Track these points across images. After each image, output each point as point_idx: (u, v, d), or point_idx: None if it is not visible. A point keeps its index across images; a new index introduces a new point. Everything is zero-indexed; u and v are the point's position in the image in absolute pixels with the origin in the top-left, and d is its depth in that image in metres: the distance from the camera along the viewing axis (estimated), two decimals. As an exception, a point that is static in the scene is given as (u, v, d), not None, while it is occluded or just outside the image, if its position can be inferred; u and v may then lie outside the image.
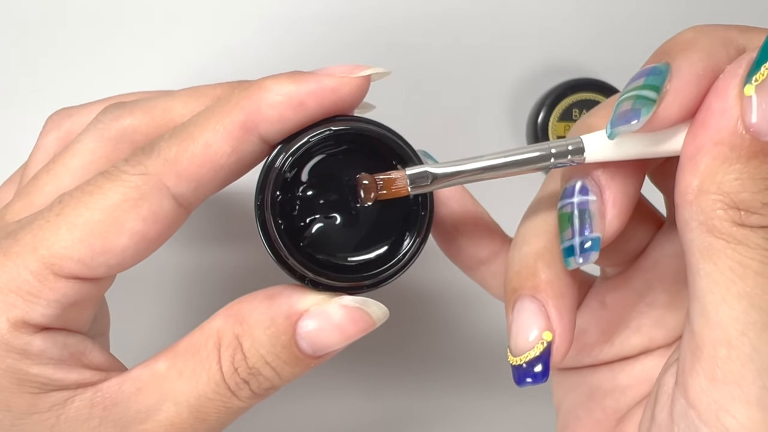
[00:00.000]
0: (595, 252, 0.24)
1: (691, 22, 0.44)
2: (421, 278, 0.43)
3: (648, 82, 0.23)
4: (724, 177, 0.22)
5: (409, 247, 0.26)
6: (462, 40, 0.43)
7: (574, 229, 0.24)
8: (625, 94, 0.23)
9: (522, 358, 0.24)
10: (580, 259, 0.24)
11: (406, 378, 0.43)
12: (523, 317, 0.25)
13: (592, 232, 0.24)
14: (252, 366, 0.25)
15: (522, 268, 0.25)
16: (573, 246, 0.24)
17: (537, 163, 0.24)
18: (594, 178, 0.24)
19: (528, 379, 0.24)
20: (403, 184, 0.24)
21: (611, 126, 0.23)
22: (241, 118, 0.24)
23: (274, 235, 0.24)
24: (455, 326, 0.43)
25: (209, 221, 0.41)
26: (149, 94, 0.29)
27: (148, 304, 0.41)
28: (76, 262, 0.24)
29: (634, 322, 0.28)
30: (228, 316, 0.25)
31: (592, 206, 0.24)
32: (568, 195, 0.25)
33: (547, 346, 0.24)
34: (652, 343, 0.28)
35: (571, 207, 0.24)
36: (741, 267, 0.21)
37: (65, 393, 0.25)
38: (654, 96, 0.22)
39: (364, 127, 0.25)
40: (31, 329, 0.24)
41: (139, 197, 0.24)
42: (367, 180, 0.24)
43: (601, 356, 0.29)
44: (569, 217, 0.24)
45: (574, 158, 0.24)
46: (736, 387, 0.21)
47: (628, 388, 0.29)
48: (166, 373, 0.25)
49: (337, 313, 0.25)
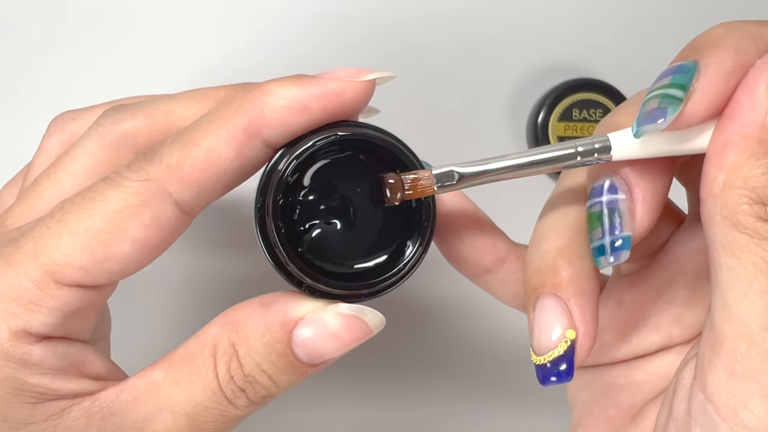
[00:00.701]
0: (626, 251, 0.24)
1: (691, 22, 0.44)
2: (421, 285, 0.43)
3: (675, 81, 0.22)
4: (751, 172, 0.21)
5: (410, 257, 0.25)
6: (462, 40, 0.43)
7: (604, 228, 0.24)
8: (651, 93, 0.23)
9: (546, 358, 0.24)
10: (611, 258, 0.24)
11: (407, 385, 0.43)
12: (545, 316, 0.24)
13: (622, 231, 0.24)
14: (248, 374, 0.25)
15: (542, 266, 0.25)
16: (603, 245, 0.24)
17: (563, 162, 0.24)
18: (622, 176, 0.24)
19: (552, 378, 0.24)
20: (429, 183, 0.24)
21: (637, 125, 0.23)
22: (244, 122, 0.24)
23: (273, 239, 0.24)
24: (456, 333, 0.43)
25: (212, 225, 0.41)
26: (151, 96, 0.29)
27: (149, 309, 0.41)
28: (77, 269, 0.23)
29: (653, 319, 0.28)
30: (223, 324, 0.25)
31: (621, 205, 0.24)
32: (597, 194, 0.24)
33: (570, 345, 0.24)
34: (670, 340, 0.28)
35: (600, 206, 0.24)
36: (764, 263, 0.21)
37: (63, 402, 0.24)
38: (681, 95, 0.22)
39: (370, 133, 0.25)
40: (32, 338, 0.24)
41: (140, 203, 0.24)
42: (394, 179, 0.24)
43: (618, 355, 0.29)
44: (599, 216, 0.24)
45: (600, 156, 0.24)
46: (755, 382, 0.21)
47: (645, 384, 0.28)
48: (163, 381, 0.25)
49: (333, 320, 0.24)
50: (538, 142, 0.43)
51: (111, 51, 0.41)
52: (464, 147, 0.43)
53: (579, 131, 0.43)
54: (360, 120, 0.26)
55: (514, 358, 0.43)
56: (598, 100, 0.43)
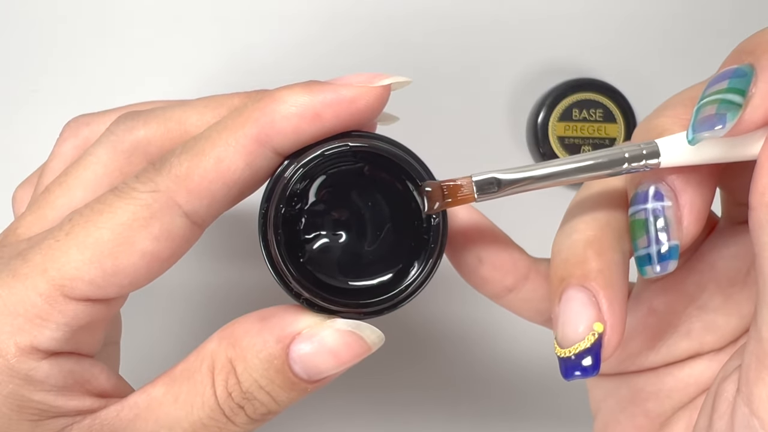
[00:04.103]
0: (674, 261, 0.23)
1: (692, 22, 0.44)
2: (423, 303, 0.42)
3: (732, 85, 0.22)
4: None
5: (414, 279, 0.24)
6: (462, 40, 0.43)
7: (650, 236, 0.23)
8: (707, 98, 0.22)
9: (571, 350, 0.23)
10: (657, 268, 0.23)
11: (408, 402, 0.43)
12: (572, 307, 0.23)
13: (669, 240, 0.23)
14: (246, 390, 0.24)
15: (570, 256, 0.24)
16: (650, 254, 0.23)
17: (609, 168, 0.23)
18: (668, 182, 0.23)
19: (577, 372, 0.23)
20: (469, 191, 0.23)
21: (693, 131, 0.22)
22: (254, 131, 0.23)
23: (273, 248, 0.24)
24: (458, 351, 0.43)
25: (222, 235, 0.40)
26: (164, 103, 0.28)
27: (158, 317, 0.40)
28: (87, 283, 0.23)
29: (684, 326, 0.27)
30: (221, 339, 0.25)
31: (668, 212, 0.23)
32: (641, 201, 0.24)
33: (598, 338, 0.23)
34: (702, 347, 0.27)
35: (646, 213, 0.23)
36: None
37: (64, 420, 0.24)
38: (740, 100, 0.21)
39: (381, 146, 0.24)
40: (40, 354, 0.23)
41: (149, 216, 0.23)
42: (431, 187, 0.23)
43: (647, 363, 0.28)
44: (644, 224, 0.23)
45: (648, 163, 0.23)
46: None
47: (674, 392, 0.28)
48: (163, 399, 0.24)
49: (330, 337, 0.24)
50: (538, 142, 0.43)
51: (113, 51, 0.41)
52: (464, 147, 0.43)
53: (579, 131, 0.43)
54: (378, 128, 0.26)
55: (519, 378, 0.42)
56: (598, 100, 0.43)
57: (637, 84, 0.43)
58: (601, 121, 0.43)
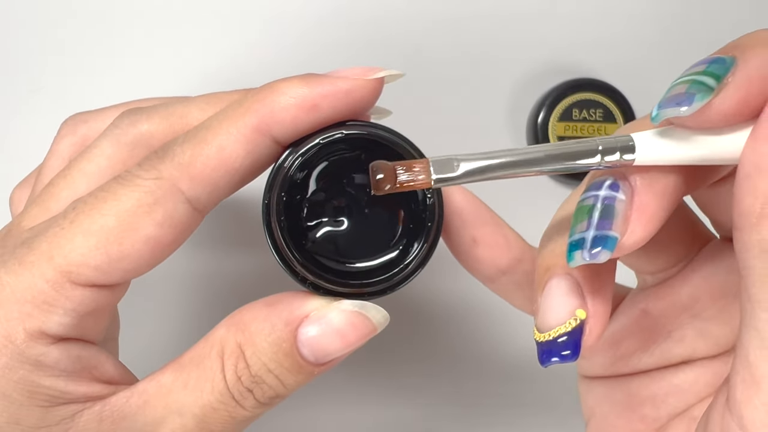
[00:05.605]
0: (606, 252, 0.21)
1: (692, 22, 0.44)
2: (425, 284, 0.43)
3: (709, 69, 0.21)
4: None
5: (414, 258, 0.25)
6: (462, 40, 0.43)
7: (591, 221, 0.22)
8: (681, 78, 0.21)
9: (551, 333, 0.23)
10: (586, 255, 0.21)
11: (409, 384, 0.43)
12: (555, 293, 0.23)
13: (610, 229, 0.21)
14: (255, 374, 0.25)
15: (557, 246, 0.24)
16: (584, 239, 0.21)
17: (581, 159, 0.21)
18: (630, 180, 0.22)
19: (554, 358, 0.22)
20: (424, 173, 0.21)
21: (658, 107, 0.21)
22: (254, 121, 0.24)
23: (277, 234, 0.24)
24: (461, 333, 0.43)
25: (222, 225, 0.41)
26: (166, 99, 0.29)
27: (158, 309, 0.41)
28: (93, 269, 0.24)
29: (678, 332, 0.27)
30: (230, 325, 0.25)
31: (618, 204, 0.22)
32: (594, 188, 0.22)
33: (579, 323, 0.22)
34: (694, 353, 0.27)
35: (594, 200, 0.22)
36: None
37: (74, 406, 0.24)
38: (713, 84, 0.20)
39: (376, 132, 0.25)
40: (48, 340, 0.24)
41: (153, 202, 0.24)
42: (383, 168, 0.21)
43: (640, 365, 0.28)
44: (589, 209, 0.22)
45: (624, 157, 0.21)
46: None
47: (669, 397, 0.27)
48: (172, 385, 0.25)
49: (337, 317, 0.25)
50: (538, 142, 0.43)
51: (113, 51, 0.41)
52: (464, 147, 0.43)
53: (579, 131, 0.43)
54: (371, 121, 0.26)
55: (518, 361, 0.43)
56: (598, 100, 0.43)
57: (637, 84, 0.43)
58: (601, 121, 0.43)
